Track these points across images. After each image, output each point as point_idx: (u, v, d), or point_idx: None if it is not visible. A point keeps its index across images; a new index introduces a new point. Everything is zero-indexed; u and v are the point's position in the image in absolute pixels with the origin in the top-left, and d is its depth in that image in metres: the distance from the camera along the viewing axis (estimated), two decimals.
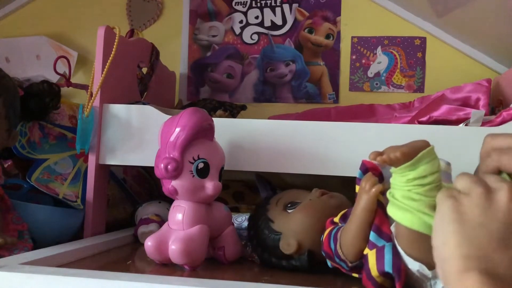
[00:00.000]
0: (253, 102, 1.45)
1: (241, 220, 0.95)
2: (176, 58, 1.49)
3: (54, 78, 1.31)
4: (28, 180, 0.94)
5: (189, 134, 0.76)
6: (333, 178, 0.89)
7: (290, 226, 0.77)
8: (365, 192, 0.63)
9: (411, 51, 1.38)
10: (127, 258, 0.86)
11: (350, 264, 0.66)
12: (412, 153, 0.52)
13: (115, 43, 0.96)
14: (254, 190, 1.15)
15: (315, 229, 0.74)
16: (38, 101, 1.00)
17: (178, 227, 0.76)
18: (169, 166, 0.75)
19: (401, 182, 0.53)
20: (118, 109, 0.96)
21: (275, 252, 0.77)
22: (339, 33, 1.43)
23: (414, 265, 0.57)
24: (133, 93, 1.14)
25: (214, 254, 0.81)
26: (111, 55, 0.95)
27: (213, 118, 0.82)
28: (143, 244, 0.81)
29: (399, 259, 0.58)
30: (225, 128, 0.90)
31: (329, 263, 0.70)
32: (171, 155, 0.76)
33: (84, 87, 1.12)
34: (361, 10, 1.42)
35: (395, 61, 1.39)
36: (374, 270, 0.60)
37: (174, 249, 0.72)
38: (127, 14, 1.53)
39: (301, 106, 1.42)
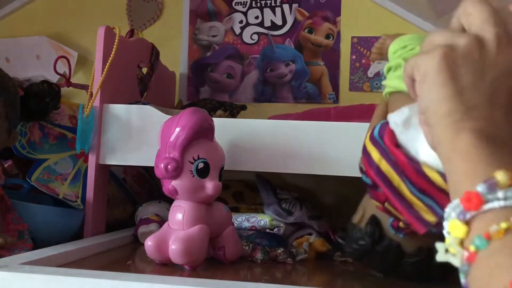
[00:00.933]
0: (253, 102, 1.45)
1: (241, 220, 0.95)
2: (176, 58, 1.49)
3: (54, 78, 1.31)
4: (28, 180, 0.94)
5: (189, 134, 0.76)
6: (333, 178, 0.89)
7: (362, 202, 0.75)
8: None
9: None
10: (127, 258, 0.86)
11: None
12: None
13: (115, 43, 0.96)
14: (254, 190, 1.15)
15: None
16: (38, 101, 1.00)
17: (178, 227, 0.76)
18: (169, 166, 0.75)
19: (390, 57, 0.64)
20: (118, 109, 0.96)
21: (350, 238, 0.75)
22: (339, 33, 1.43)
23: (397, 114, 0.59)
24: (133, 93, 1.14)
25: (214, 254, 0.81)
26: (111, 55, 0.95)
27: (213, 118, 0.82)
28: (143, 244, 0.81)
29: (386, 124, 0.61)
30: (225, 128, 0.90)
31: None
32: (171, 155, 0.76)
33: (84, 87, 1.12)
34: (361, 10, 1.41)
35: None
36: (367, 143, 0.63)
37: (174, 249, 0.72)
38: (127, 14, 1.53)
39: (301, 106, 1.42)
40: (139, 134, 0.95)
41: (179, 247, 0.72)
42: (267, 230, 0.93)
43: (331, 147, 0.87)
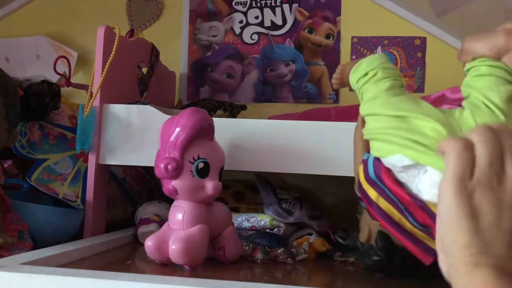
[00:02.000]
0: (253, 102, 1.45)
1: (241, 220, 0.95)
2: (176, 58, 1.49)
3: (54, 78, 1.31)
4: (28, 180, 0.94)
5: (189, 134, 0.76)
6: (333, 178, 0.89)
7: (363, 219, 0.74)
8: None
9: (411, 51, 1.38)
10: (127, 258, 0.86)
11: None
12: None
13: (115, 43, 0.96)
14: (254, 190, 1.15)
15: None
16: (38, 101, 1.00)
17: (178, 227, 0.76)
18: (169, 166, 0.75)
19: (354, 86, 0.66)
20: (118, 109, 0.96)
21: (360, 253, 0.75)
22: (339, 33, 1.43)
23: (393, 160, 0.58)
24: (133, 93, 1.14)
25: (214, 254, 0.81)
26: (111, 55, 0.95)
27: (213, 118, 0.82)
28: (143, 244, 0.81)
29: (379, 162, 0.61)
30: (225, 128, 0.90)
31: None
32: (171, 155, 0.76)
33: (84, 87, 1.12)
34: (361, 10, 1.41)
35: (395, 61, 1.39)
36: (363, 181, 0.62)
37: (174, 249, 0.72)
38: (127, 14, 1.53)
39: (301, 106, 1.42)
40: (139, 134, 0.95)
41: (179, 247, 0.72)
42: (267, 230, 0.93)
43: (331, 147, 0.87)
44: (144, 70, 1.24)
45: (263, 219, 0.93)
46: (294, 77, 1.44)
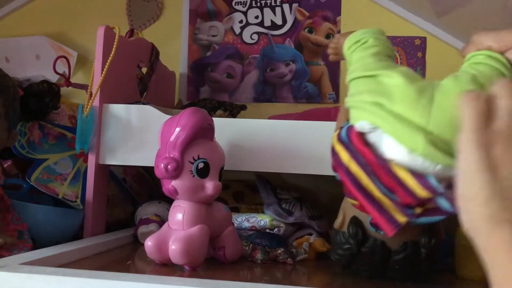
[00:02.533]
0: (253, 102, 1.45)
1: (241, 220, 0.94)
2: (176, 58, 1.49)
3: (54, 78, 1.31)
4: (28, 180, 0.94)
5: (189, 134, 0.76)
6: (332, 178, 0.89)
7: (342, 205, 0.75)
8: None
9: (411, 51, 1.38)
10: (127, 258, 0.86)
11: None
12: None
13: (115, 43, 0.96)
14: (254, 190, 1.15)
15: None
16: (38, 101, 1.00)
17: (178, 227, 0.76)
18: (169, 166, 0.75)
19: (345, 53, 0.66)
20: (118, 109, 0.96)
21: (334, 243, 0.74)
22: (339, 32, 1.43)
23: (358, 126, 0.60)
24: (133, 93, 1.14)
25: (214, 254, 0.81)
26: (111, 55, 0.95)
27: (213, 118, 0.82)
28: (143, 244, 0.81)
29: (352, 126, 0.62)
30: (225, 128, 0.90)
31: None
32: (171, 155, 0.76)
33: (84, 87, 1.12)
34: (361, 10, 1.41)
35: (395, 61, 1.39)
36: (335, 143, 0.63)
37: (174, 249, 0.72)
38: (127, 14, 1.53)
39: (301, 106, 1.42)
40: (139, 134, 0.95)
41: (179, 247, 0.72)
42: (267, 230, 0.93)
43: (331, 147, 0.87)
44: (144, 70, 1.24)
45: (263, 219, 0.93)
46: (294, 77, 1.44)
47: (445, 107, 0.53)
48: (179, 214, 0.76)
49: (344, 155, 0.61)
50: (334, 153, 0.64)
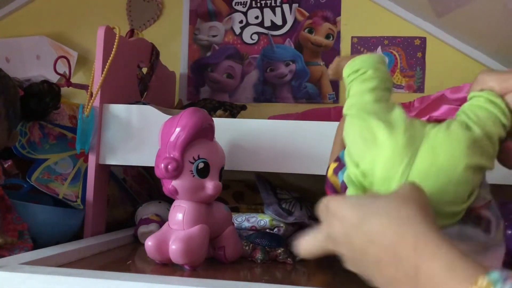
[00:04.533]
0: (253, 102, 1.45)
1: (241, 220, 0.95)
2: (176, 58, 1.49)
3: (54, 78, 1.31)
4: (28, 180, 0.94)
5: (189, 134, 0.76)
6: None
7: None
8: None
9: (411, 51, 1.38)
10: (127, 258, 0.86)
11: None
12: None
13: (115, 43, 0.96)
14: (254, 190, 1.15)
15: None
16: (38, 101, 1.00)
17: (178, 227, 0.76)
18: (169, 166, 0.75)
19: (345, 80, 0.65)
20: (118, 109, 0.96)
21: None
22: (339, 33, 1.43)
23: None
24: (133, 93, 1.14)
25: (215, 254, 0.81)
26: (111, 55, 0.95)
27: (213, 118, 0.82)
28: (143, 244, 0.81)
29: None
30: (225, 128, 0.90)
31: None
32: (172, 155, 0.76)
33: (84, 87, 1.11)
34: (361, 10, 1.42)
35: (395, 61, 1.39)
36: (330, 172, 0.63)
37: (174, 249, 0.72)
38: (127, 14, 1.53)
39: (301, 106, 1.42)
40: (139, 134, 0.95)
41: (179, 247, 0.72)
42: (267, 230, 0.93)
43: (331, 147, 0.87)
44: (144, 70, 1.24)
45: (263, 219, 0.93)
46: (294, 77, 1.44)
47: (428, 161, 0.50)
48: (179, 214, 0.76)
49: (330, 169, 0.63)
50: (329, 184, 0.64)
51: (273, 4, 1.46)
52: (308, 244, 0.46)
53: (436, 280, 0.35)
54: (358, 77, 0.65)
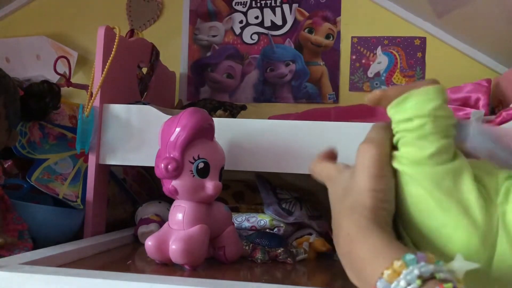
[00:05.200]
0: (253, 102, 1.45)
1: (241, 220, 0.95)
2: (176, 58, 1.49)
3: (54, 78, 1.31)
4: (28, 180, 0.94)
5: (189, 134, 0.76)
6: None
7: None
8: None
9: (411, 51, 1.38)
10: (127, 258, 0.86)
11: None
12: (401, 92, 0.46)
13: (115, 43, 0.96)
14: (254, 190, 1.15)
15: None
16: (38, 101, 1.00)
17: (178, 227, 0.76)
18: (169, 166, 0.75)
19: (393, 124, 0.48)
20: (118, 109, 0.96)
21: None
22: (339, 33, 1.43)
23: None
24: (133, 93, 1.14)
25: (215, 254, 0.81)
26: (111, 55, 0.95)
27: (213, 118, 0.82)
28: (143, 244, 0.81)
29: None
30: (225, 128, 0.90)
31: None
32: (171, 155, 0.76)
33: (84, 87, 1.12)
34: (361, 10, 1.42)
35: (395, 61, 1.39)
36: None
37: (174, 249, 0.72)
38: (127, 14, 1.53)
39: (301, 106, 1.42)
40: (139, 134, 0.95)
41: (179, 247, 0.72)
42: (267, 230, 0.93)
43: (330, 147, 0.87)
44: (144, 70, 1.24)
45: (263, 219, 0.93)
46: (294, 77, 1.44)
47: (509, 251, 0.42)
48: (179, 214, 0.76)
49: None
50: None
51: (273, 4, 1.46)
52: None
53: (364, 261, 0.41)
54: (413, 130, 0.47)
